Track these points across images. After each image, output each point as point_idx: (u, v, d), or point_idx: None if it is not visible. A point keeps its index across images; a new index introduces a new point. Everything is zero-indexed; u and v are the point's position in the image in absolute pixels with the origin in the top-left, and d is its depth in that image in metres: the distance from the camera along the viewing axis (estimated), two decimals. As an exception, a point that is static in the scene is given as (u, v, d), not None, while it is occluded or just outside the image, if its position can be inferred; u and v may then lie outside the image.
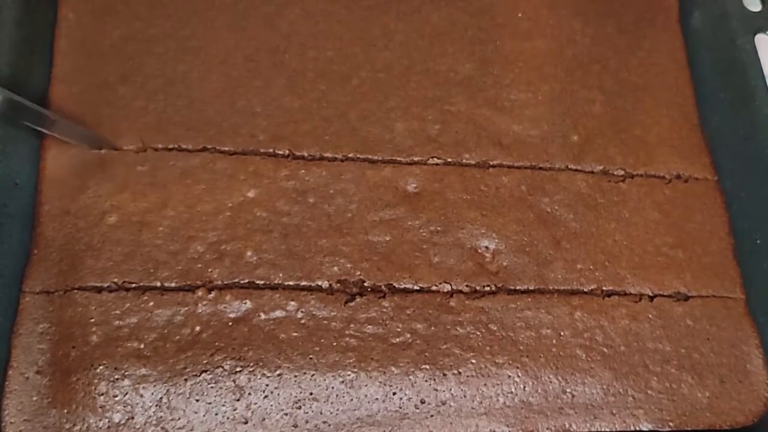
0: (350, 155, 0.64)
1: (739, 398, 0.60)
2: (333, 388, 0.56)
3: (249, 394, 0.55)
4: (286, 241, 0.60)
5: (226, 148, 0.62)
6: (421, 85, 0.68)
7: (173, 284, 0.57)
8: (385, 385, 0.56)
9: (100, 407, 0.53)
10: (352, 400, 0.56)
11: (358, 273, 0.59)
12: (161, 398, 0.54)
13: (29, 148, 0.61)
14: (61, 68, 0.64)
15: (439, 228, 0.62)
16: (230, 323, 0.57)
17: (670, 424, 0.59)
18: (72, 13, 0.66)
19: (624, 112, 0.70)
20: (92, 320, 0.55)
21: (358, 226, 0.61)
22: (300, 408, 0.55)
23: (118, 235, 0.58)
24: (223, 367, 0.55)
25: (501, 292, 0.61)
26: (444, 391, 0.57)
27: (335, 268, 0.59)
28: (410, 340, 0.58)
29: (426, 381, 0.57)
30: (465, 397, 0.57)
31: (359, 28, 0.68)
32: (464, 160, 0.65)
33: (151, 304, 0.56)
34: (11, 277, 0.57)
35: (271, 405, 0.55)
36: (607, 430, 0.58)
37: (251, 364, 0.55)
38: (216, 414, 0.54)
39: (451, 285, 0.60)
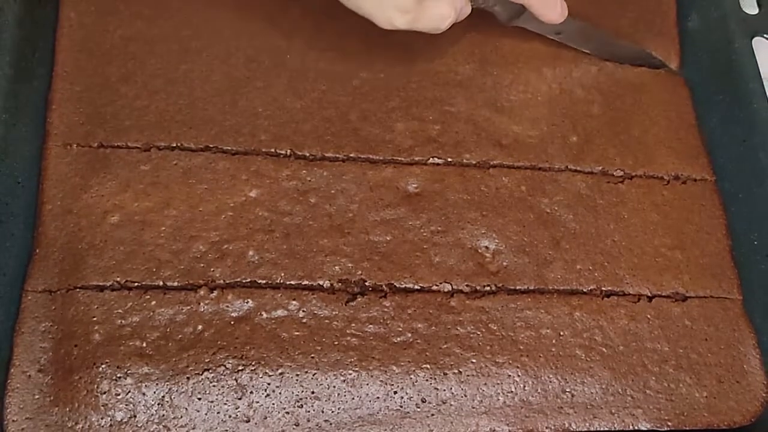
0: (351, 155, 0.64)
1: (736, 398, 0.60)
2: (334, 386, 0.56)
3: (251, 392, 0.55)
4: (288, 241, 0.60)
5: (228, 148, 0.63)
6: (421, 85, 0.68)
7: (175, 283, 0.57)
8: (386, 384, 0.57)
9: (103, 405, 0.53)
10: (353, 398, 0.56)
11: (360, 272, 0.60)
12: (163, 397, 0.54)
13: (31, 146, 0.61)
14: (63, 67, 0.64)
15: (439, 228, 0.62)
16: (232, 322, 0.57)
17: (669, 423, 0.59)
18: (74, 13, 0.66)
19: (622, 113, 0.70)
20: (94, 319, 0.55)
21: (359, 226, 0.61)
22: (302, 407, 0.55)
23: (121, 234, 0.58)
24: (225, 365, 0.55)
25: (501, 292, 0.61)
26: (444, 390, 0.57)
27: (336, 268, 0.60)
28: (411, 340, 0.58)
29: (427, 380, 0.57)
30: (465, 396, 0.57)
31: (360, 29, 0.69)
32: (464, 161, 0.66)
33: (154, 303, 0.56)
34: (13, 275, 0.57)
35: (273, 403, 0.55)
36: (606, 429, 0.58)
37: (253, 363, 0.56)
38: (218, 412, 0.54)
39: (451, 285, 0.61)
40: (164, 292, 0.57)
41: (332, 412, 0.55)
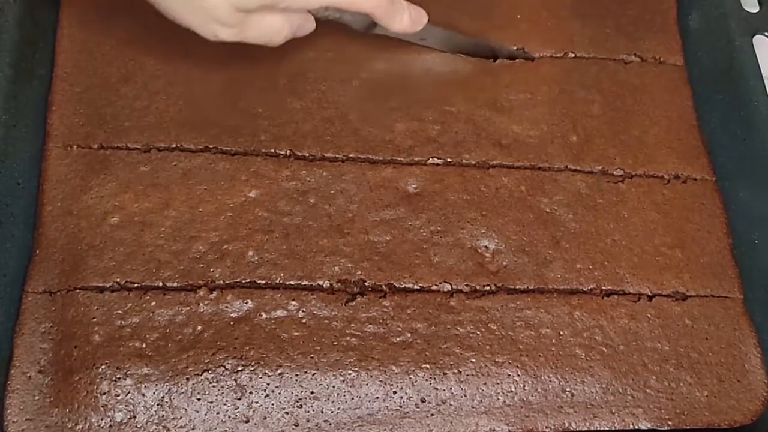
0: (351, 155, 0.64)
1: (737, 397, 0.60)
2: (334, 387, 0.56)
3: (250, 393, 0.55)
4: (288, 241, 0.60)
5: (228, 148, 0.63)
6: (421, 85, 0.68)
7: (175, 284, 0.58)
8: (385, 384, 0.57)
9: (102, 406, 0.54)
10: (352, 398, 0.56)
11: (359, 273, 0.60)
12: (163, 397, 0.54)
13: (31, 147, 0.61)
14: (63, 68, 0.64)
15: (439, 228, 0.62)
16: (232, 323, 0.57)
17: (669, 422, 0.59)
18: (74, 13, 0.66)
19: (623, 112, 0.70)
20: (94, 320, 0.56)
21: (359, 226, 0.61)
22: (301, 407, 0.55)
23: (120, 235, 0.58)
24: (224, 366, 0.55)
25: (501, 292, 0.61)
26: (444, 390, 0.57)
27: (336, 268, 0.60)
28: (411, 340, 0.58)
29: (426, 380, 0.57)
30: (465, 395, 0.57)
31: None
32: (464, 161, 0.65)
33: (153, 303, 0.56)
34: (13, 276, 0.57)
35: (273, 404, 0.55)
36: (606, 428, 0.58)
37: (252, 363, 0.56)
38: (217, 413, 0.54)
39: (451, 285, 0.61)
40: (164, 292, 0.57)
41: (332, 412, 0.55)
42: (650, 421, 0.59)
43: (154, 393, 0.54)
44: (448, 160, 0.65)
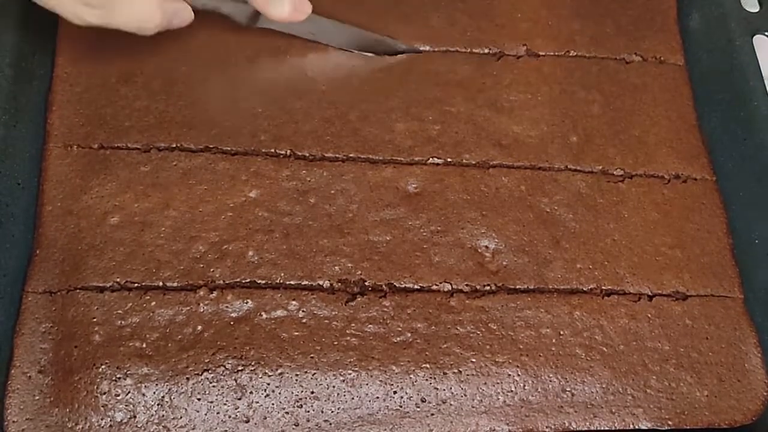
0: (351, 155, 0.64)
1: (737, 397, 0.60)
2: (334, 386, 0.56)
3: (250, 392, 0.55)
4: (288, 241, 0.60)
5: (228, 148, 0.63)
6: (421, 85, 0.68)
7: (175, 284, 0.58)
8: (385, 383, 0.57)
9: (103, 406, 0.54)
10: (353, 398, 0.56)
11: (359, 272, 0.60)
12: (163, 397, 0.54)
13: (32, 147, 0.61)
14: (63, 68, 0.64)
15: (439, 228, 0.62)
16: (232, 322, 0.57)
17: (669, 422, 0.59)
18: (74, 14, 0.66)
19: (623, 112, 0.70)
20: (94, 320, 0.56)
21: (359, 226, 0.61)
22: (301, 407, 0.55)
23: (121, 235, 0.58)
24: (224, 366, 0.55)
25: (501, 292, 0.61)
26: (444, 389, 0.57)
27: (336, 268, 0.60)
28: (411, 339, 0.58)
29: (426, 380, 0.57)
30: (465, 395, 0.57)
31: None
32: (464, 161, 0.66)
33: (153, 303, 0.56)
34: (14, 276, 0.57)
35: (273, 404, 0.55)
36: (607, 428, 0.58)
37: (253, 363, 0.56)
38: (217, 413, 0.54)
39: (451, 284, 0.61)
40: (164, 292, 0.57)
41: (332, 412, 0.55)
42: (650, 420, 0.59)
43: (154, 393, 0.54)
44: (448, 160, 0.65)
